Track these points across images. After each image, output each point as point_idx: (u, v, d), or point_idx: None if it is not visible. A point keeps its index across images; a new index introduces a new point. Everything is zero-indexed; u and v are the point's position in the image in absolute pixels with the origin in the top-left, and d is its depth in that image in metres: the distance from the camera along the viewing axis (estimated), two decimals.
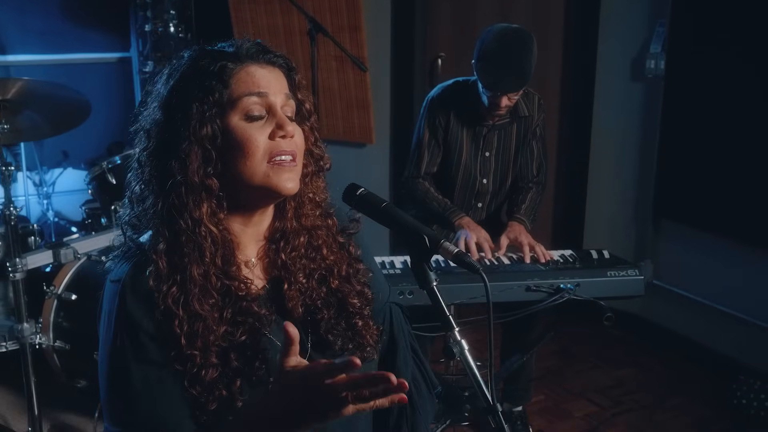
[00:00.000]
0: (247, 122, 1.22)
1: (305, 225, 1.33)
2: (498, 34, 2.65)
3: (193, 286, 1.18)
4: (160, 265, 1.18)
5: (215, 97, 1.20)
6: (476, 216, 2.96)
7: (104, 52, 5.32)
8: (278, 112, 1.23)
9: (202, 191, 1.20)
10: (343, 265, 1.36)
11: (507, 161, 2.91)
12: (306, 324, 1.31)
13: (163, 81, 1.25)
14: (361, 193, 1.29)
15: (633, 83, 3.76)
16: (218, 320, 1.19)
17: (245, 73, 1.23)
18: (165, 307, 1.17)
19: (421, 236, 1.21)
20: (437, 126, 2.85)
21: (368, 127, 4.57)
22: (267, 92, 1.23)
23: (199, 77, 1.21)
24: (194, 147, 1.19)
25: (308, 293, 1.31)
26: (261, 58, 1.25)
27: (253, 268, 1.31)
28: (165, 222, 1.20)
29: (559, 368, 3.59)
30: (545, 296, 2.36)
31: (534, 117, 2.88)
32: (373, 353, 1.37)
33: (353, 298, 1.34)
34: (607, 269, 2.45)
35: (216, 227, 1.21)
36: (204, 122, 1.19)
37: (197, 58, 1.24)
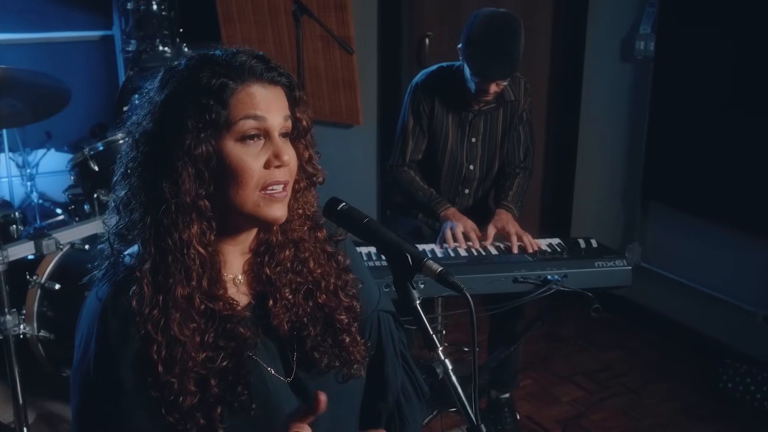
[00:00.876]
0: (242, 146, 1.16)
1: (292, 238, 1.30)
2: (486, 20, 2.60)
3: (174, 310, 1.14)
4: (144, 286, 1.15)
5: (212, 116, 1.15)
6: (463, 203, 2.94)
7: (86, 30, 5.22)
8: (275, 139, 1.19)
9: (193, 212, 1.16)
10: (330, 277, 1.32)
11: (494, 147, 2.88)
12: (292, 341, 1.29)
13: (157, 88, 1.19)
14: (342, 208, 1.26)
15: (622, 65, 3.72)
16: (199, 346, 1.16)
17: (246, 93, 1.17)
18: (145, 331, 1.13)
19: (404, 254, 1.18)
20: (421, 112, 2.81)
21: (355, 108, 4.52)
22: (266, 116, 1.17)
23: (197, 92, 1.15)
24: (188, 167, 1.14)
25: (294, 309, 1.28)
26: (265, 77, 1.19)
27: (239, 285, 1.28)
28: (152, 239, 1.16)
29: (547, 351, 3.60)
30: (533, 288, 2.35)
31: (520, 101, 2.85)
32: (360, 370, 1.34)
33: (341, 314, 1.31)
34: (594, 259, 2.43)
35: (205, 249, 1.18)
36: (199, 142, 1.15)
37: (196, 68, 1.17)
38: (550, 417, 3.11)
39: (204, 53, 1.21)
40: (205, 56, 1.20)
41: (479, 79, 2.61)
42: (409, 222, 2.93)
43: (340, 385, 1.32)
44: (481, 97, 2.70)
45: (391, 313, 1.46)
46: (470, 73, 2.63)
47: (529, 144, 2.93)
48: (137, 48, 4.88)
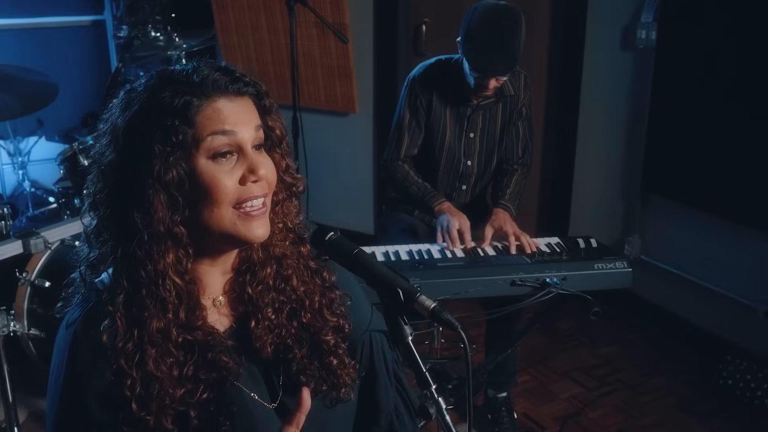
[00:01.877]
0: (214, 163, 1.11)
1: (274, 254, 1.24)
2: (485, 13, 2.53)
3: (150, 345, 1.09)
4: (117, 320, 1.09)
5: (179, 138, 1.08)
6: (461, 199, 2.88)
7: (77, 15, 5.13)
8: (249, 153, 1.13)
9: (168, 240, 1.10)
10: (315, 295, 1.26)
11: (492, 142, 2.82)
12: (276, 364, 1.23)
13: (118, 113, 1.13)
14: (330, 237, 1.19)
15: (623, 54, 3.64)
16: (177, 380, 1.10)
17: (212, 109, 1.11)
18: (117, 366, 1.08)
19: (395, 290, 1.12)
20: (418, 107, 2.74)
21: (351, 96, 4.44)
22: (235, 130, 1.11)
23: (160, 114, 1.09)
24: (159, 194, 1.08)
25: (277, 330, 1.22)
26: (230, 89, 1.13)
27: (220, 307, 1.22)
28: (125, 272, 1.10)
29: (544, 346, 3.56)
30: (531, 291, 2.30)
31: (520, 96, 2.78)
32: (349, 393, 1.28)
33: (327, 334, 1.25)
34: (594, 261, 2.38)
35: (181, 278, 1.12)
36: (169, 167, 1.08)
37: (156, 88, 1.11)
38: (547, 414, 3.07)
39: (163, 70, 1.15)
40: (164, 74, 1.14)
41: (479, 75, 2.55)
42: (404, 219, 2.87)
43: (328, 410, 1.28)
44: (481, 92, 2.64)
45: (384, 332, 1.40)
46: (469, 68, 2.56)
47: (527, 139, 2.87)
48: (129, 34, 4.81)
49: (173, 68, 1.15)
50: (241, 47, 4.69)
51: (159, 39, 4.30)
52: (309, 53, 4.41)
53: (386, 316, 1.15)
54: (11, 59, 4.77)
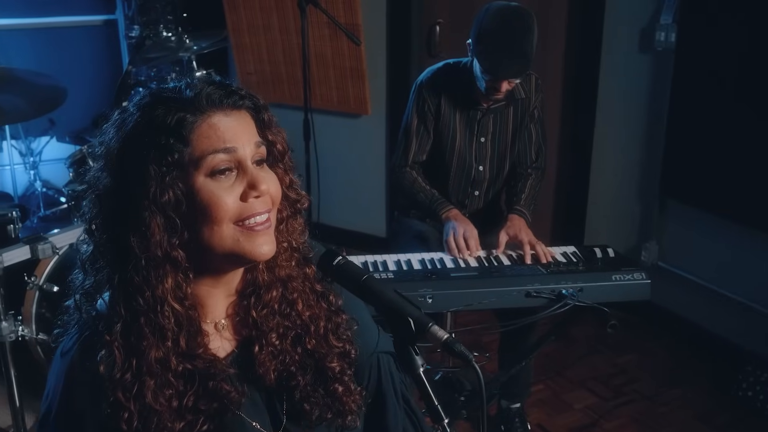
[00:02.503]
0: (213, 181, 1.06)
1: (279, 276, 1.18)
2: (497, 14, 2.47)
3: (149, 376, 1.04)
4: (115, 350, 1.04)
5: (174, 157, 1.04)
6: (474, 205, 2.82)
7: (89, 14, 5.11)
8: (249, 169, 1.08)
9: (166, 264, 1.05)
10: (320, 321, 1.21)
11: (504, 146, 2.76)
12: (280, 391, 1.18)
13: (112, 134, 1.08)
14: (338, 262, 1.14)
15: (641, 56, 3.56)
16: (177, 413, 1.05)
17: (207, 126, 1.06)
18: (114, 398, 1.03)
19: (406, 320, 1.06)
20: (426, 112, 2.69)
21: (363, 97, 4.39)
22: (234, 146, 1.07)
23: (153, 133, 1.04)
24: (155, 217, 1.03)
25: (281, 357, 1.17)
26: (225, 104, 1.08)
27: (222, 331, 1.17)
28: (122, 300, 1.06)
29: (559, 354, 3.49)
30: (546, 302, 2.23)
31: (531, 99, 2.72)
32: (355, 420, 1.23)
33: (332, 361, 1.20)
34: (612, 272, 2.32)
35: (181, 304, 1.07)
36: (165, 188, 1.03)
37: (150, 107, 1.06)
38: (562, 425, 3.01)
39: (156, 88, 1.11)
40: (156, 92, 1.10)
41: (490, 78, 2.48)
42: (415, 225, 2.82)
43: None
44: (492, 96, 2.57)
45: (391, 354, 1.34)
46: (480, 71, 2.50)
47: (541, 143, 2.81)
48: (140, 34, 4.77)
49: (166, 86, 1.11)
50: (252, 48, 4.64)
51: (170, 39, 4.26)
52: (321, 54, 4.36)
53: (396, 346, 1.09)
54: (24, 58, 4.77)
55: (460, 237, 2.48)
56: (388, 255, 2.47)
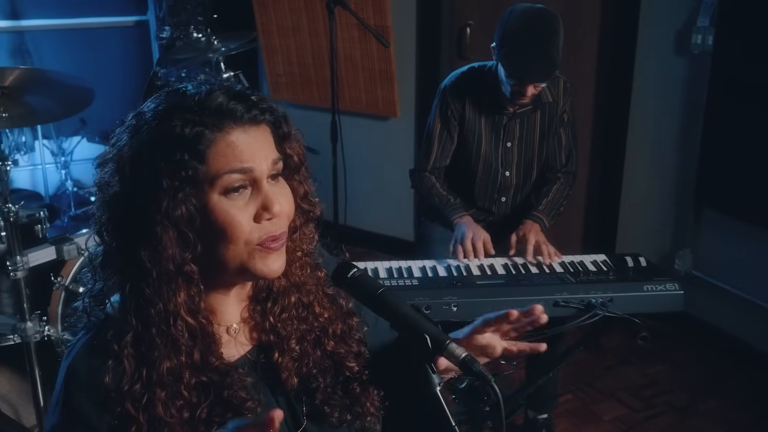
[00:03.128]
0: (227, 199, 1.02)
1: (294, 281, 1.17)
2: (521, 16, 2.41)
3: (160, 387, 1.01)
4: (125, 360, 1.01)
5: (189, 173, 1.00)
6: (501, 211, 2.77)
7: (121, 15, 5.16)
8: (263, 188, 1.04)
9: (178, 278, 1.02)
10: (337, 322, 1.20)
11: (531, 151, 2.69)
12: (299, 393, 1.16)
13: (125, 139, 1.04)
14: (353, 275, 1.10)
15: (677, 59, 3.47)
16: (188, 424, 1.02)
17: (225, 143, 1.02)
18: (122, 409, 1.00)
19: (422, 336, 1.02)
20: (449, 116, 2.64)
21: (392, 100, 4.35)
22: (252, 166, 1.03)
23: (168, 146, 1.00)
24: (167, 231, 1.00)
25: (304, 360, 1.15)
26: (245, 119, 1.04)
27: (235, 335, 1.15)
28: (133, 310, 1.03)
29: (588, 364, 3.41)
30: (575, 312, 2.17)
31: (559, 103, 2.66)
32: (375, 423, 1.21)
33: (350, 360, 1.19)
34: (643, 282, 2.25)
35: (194, 317, 1.04)
36: (177, 203, 1.00)
37: (166, 116, 1.01)
38: None
39: (174, 93, 1.06)
40: (174, 99, 1.04)
41: (515, 82, 2.43)
42: (440, 231, 2.76)
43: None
44: (517, 101, 2.51)
45: None
46: (505, 75, 2.44)
47: (571, 146, 2.74)
48: (171, 35, 4.79)
49: (185, 91, 1.05)
50: (282, 49, 4.63)
51: (200, 40, 4.27)
52: (350, 56, 4.33)
53: (412, 364, 1.05)
54: (57, 58, 4.82)
55: (468, 240, 2.44)
56: (413, 261, 2.43)
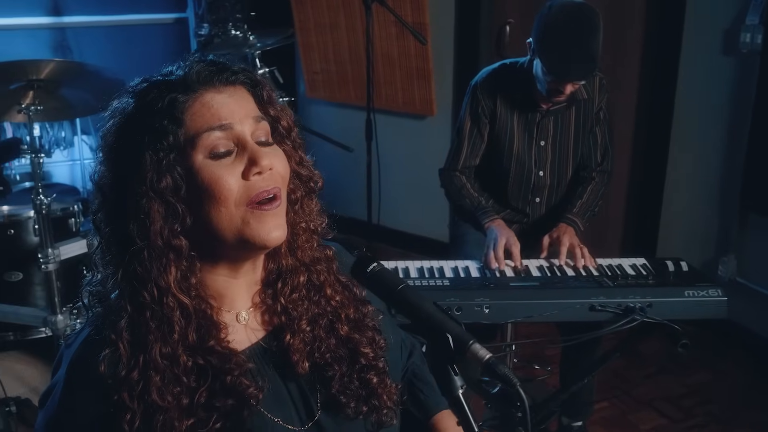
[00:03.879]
0: (214, 162, 1.01)
1: (302, 260, 1.13)
2: (560, 12, 2.33)
3: (154, 372, 0.98)
4: (120, 346, 0.99)
5: (169, 140, 0.99)
6: (535, 212, 2.69)
7: (161, 12, 5.18)
8: (249, 144, 1.03)
9: (169, 253, 1.00)
10: (350, 307, 1.16)
11: (566, 150, 2.61)
12: (313, 381, 1.12)
13: (108, 123, 1.04)
14: (373, 269, 1.05)
15: (724, 58, 3.36)
16: (186, 410, 0.99)
17: (200, 103, 1.02)
18: (119, 398, 0.97)
19: (444, 335, 0.96)
20: (480, 115, 2.57)
21: (429, 98, 4.29)
22: (230, 122, 1.02)
23: (146, 118, 1.00)
24: (153, 203, 0.99)
25: (315, 344, 1.11)
26: (216, 81, 1.04)
27: (244, 323, 1.11)
28: (127, 293, 1.01)
29: (625, 371, 3.31)
30: (612, 317, 2.10)
31: (595, 101, 2.57)
32: (391, 417, 1.16)
33: (365, 347, 1.14)
34: (685, 288, 2.16)
35: (187, 295, 1.01)
36: (162, 173, 0.99)
37: (142, 93, 1.03)
38: None
39: (150, 75, 1.07)
40: (150, 77, 1.06)
41: (553, 79, 2.35)
42: (473, 232, 2.69)
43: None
44: (553, 98, 2.44)
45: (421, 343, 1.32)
46: (542, 72, 2.36)
47: (607, 144, 2.65)
48: (209, 32, 4.80)
49: (161, 70, 1.07)
50: (319, 47, 4.61)
51: (238, 37, 4.27)
52: (387, 54, 4.29)
53: (433, 365, 0.99)
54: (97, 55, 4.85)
55: (500, 248, 2.36)
56: (446, 261, 2.37)
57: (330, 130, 4.13)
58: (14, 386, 2.90)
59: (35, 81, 2.67)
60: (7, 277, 2.96)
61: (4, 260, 2.97)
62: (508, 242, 2.38)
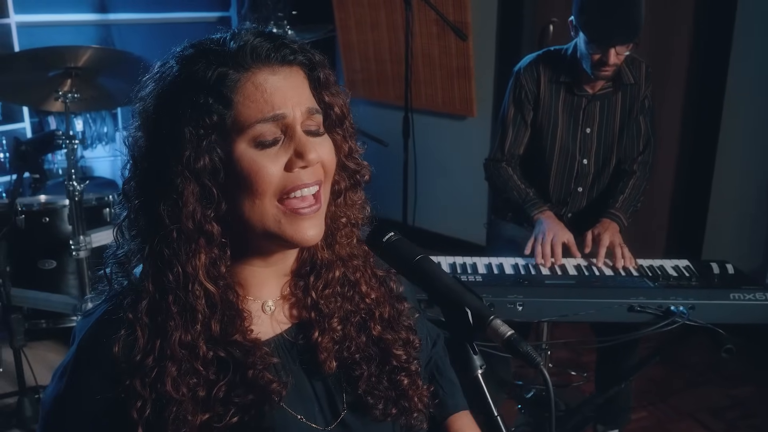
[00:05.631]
0: (257, 149, 0.94)
1: (339, 254, 1.06)
2: None
3: (171, 362, 0.92)
4: (138, 329, 0.94)
5: (213, 119, 0.92)
6: (577, 203, 2.60)
7: (205, 11, 5.22)
8: (297, 134, 0.95)
9: (199, 238, 0.94)
10: (385, 305, 1.09)
11: (611, 137, 2.53)
12: (339, 380, 1.06)
13: (150, 88, 0.97)
14: (390, 239, 0.99)
15: None
16: (202, 403, 0.93)
17: (253, 85, 0.93)
18: (130, 383, 0.92)
19: (463, 310, 0.90)
20: (524, 101, 2.50)
21: (469, 98, 4.23)
22: (284, 113, 0.94)
23: (191, 91, 0.93)
24: (189, 184, 0.93)
25: (346, 343, 1.05)
26: (273, 58, 0.95)
27: (271, 313, 1.06)
28: (151, 273, 0.95)
29: (666, 380, 3.20)
30: (652, 318, 2.01)
31: (641, 87, 2.49)
32: (422, 421, 1.11)
33: (398, 348, 1.08)
34: (730, 290, 2.05)
35: (214, 284, 0.96)
36: (200, 153, 0.92)
37: (189, 60, 0.95)
38: None
39: (200, 39, 0.98)
40: (199, 43, 0.97)
41: (597, 46, 2.28)
42: (510, 229, 2.62)
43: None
44: (599, 71, 2.35)
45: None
46: (586, 43, 2.30)
47: (650, 135, 2.56)
48: None
49: (211, 36, 0.99)
50: (359, 45, 4.58)
51: None
52: (428, 53, 4.24)
53: (450, 343, 0.93)
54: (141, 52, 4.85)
55: (547, 243, 2.29)
56: (479, 258, 2.30)
57: (368, 129, 4.09)
58: (45, 374, 2.91)
59: (73, 69, 2.67)
60: (41, 265, 2.98)
61: (39, 248, 2.99)
62: (556, 237, 2.31)
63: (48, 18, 4.54)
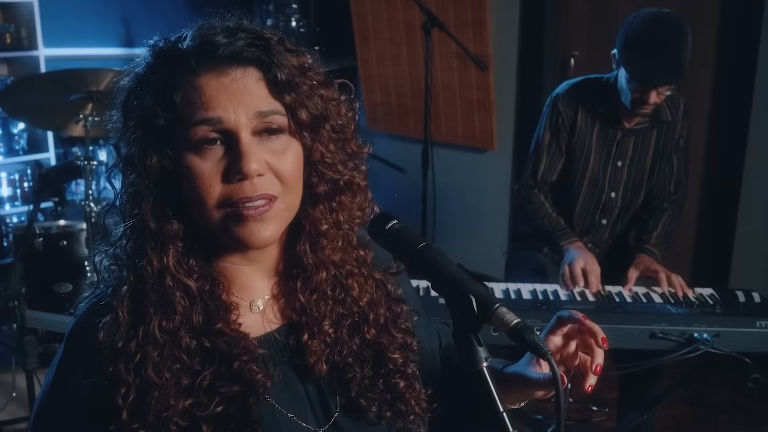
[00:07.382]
0: (197, 155, 0.91)
1: (326, 258, 1.02)
2: (647, 19, 2.26)
3: (152, 347, 0.91)
4: (121, 314, 0.93)
5: (158, 122, 0.91)
6: (599, 235, 2.56)
7: None
8: (240, 140, 0.90)
9: (162, 234, 0.94)
10: (380, 308, 1.05)
11: (642, 173, 2.50)
12: (332, 382, 1.03)
13: (125, 80, 0.97)
14: (392, 227, 0.96)
15: None
16: (184, 390, 0.92)
17: (193, 89, 0.91)
18: (114, 369, 0.91)
19: (467, 297, 0.86)
20: (560, 127, 2.48)
21: (490, 131, 4.22)
22: (219, 116, 0.90)
23: (143, 91, 0.93)
24: (143, 181, 0.93)
25: (338, 347, 1.02)
26: (220, 57, 0.91)
27: (260, 312, 1.04)
28: (127, 265, 0.95)
29: (690, 418, 3.10)
30: (674, 346, 1.95)
31: (677, 124, 2.46)
32: (419, 425, 1.06)
33: (394, 351, 1.04)
34: (756, 318, 2.00)
35: (188, 277, 0.94)
36: (148, 151, 0.92)
37: (146, 62, 0.95)
38: None
39: (163, 37, 0.97)
40: (160, 39, 0.96)
41: (638, 85, 2.25)
42: (532, 256, 2.59)
43: None
44: (638, 110, 2.32)
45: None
46: (627, 80, 2.27)
47: (682, 174, 2.53)
48: None
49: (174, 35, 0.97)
50: (380, 79, 4.61)
51: None
52: (449, 86, 4.24)
53: (455, 334, 0.89)
54: None
55: (577, 267, 2.25)
56: (496, 283, 2.27)
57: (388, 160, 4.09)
58: None
59: (94, 93, 2.70)
60: (57, 288, 2.98)
61: (55, 271, 3.00)
62: (587, 266, 2.28)
63: (75, 52, 4.62)
